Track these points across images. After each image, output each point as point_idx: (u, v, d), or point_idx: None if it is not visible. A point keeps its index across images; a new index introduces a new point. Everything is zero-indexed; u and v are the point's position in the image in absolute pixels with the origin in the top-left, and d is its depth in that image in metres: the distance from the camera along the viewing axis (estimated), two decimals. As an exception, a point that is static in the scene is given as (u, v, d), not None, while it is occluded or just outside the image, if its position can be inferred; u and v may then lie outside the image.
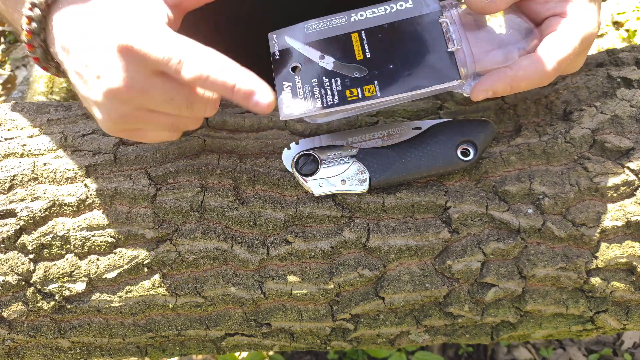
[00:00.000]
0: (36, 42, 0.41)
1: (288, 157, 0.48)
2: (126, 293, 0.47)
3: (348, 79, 0.42)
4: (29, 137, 0.51)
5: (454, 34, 0.42)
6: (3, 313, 0.47)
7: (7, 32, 1.83)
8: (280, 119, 0.42)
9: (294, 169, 0.47)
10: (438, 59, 0.41)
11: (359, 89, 0.41)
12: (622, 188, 0.45)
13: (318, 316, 0.47)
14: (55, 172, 0.49)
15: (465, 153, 0.46)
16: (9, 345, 0.49)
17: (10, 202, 0.47)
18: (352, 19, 0.43)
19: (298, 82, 0.42)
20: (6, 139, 0.51)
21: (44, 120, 0.53)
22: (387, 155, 0.46)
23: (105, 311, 0.47)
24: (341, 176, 0.46)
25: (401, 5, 0.43)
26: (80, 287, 0.46)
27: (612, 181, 0.45)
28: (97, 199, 0.48)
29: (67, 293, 0.46)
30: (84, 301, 0.47)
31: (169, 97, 0.38)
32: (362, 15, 0.43)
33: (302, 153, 0.47)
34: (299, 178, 0.47)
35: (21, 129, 0.52)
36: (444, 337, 0.50)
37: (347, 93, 0.41)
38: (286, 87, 0.42)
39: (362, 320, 0.48)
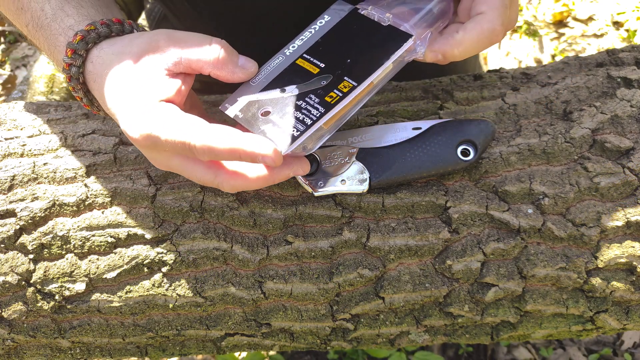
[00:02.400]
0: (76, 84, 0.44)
1: (288, 157, 0.48)
2: (126, 293, 0.47)
3: (320, 90, 0.42)
4: (29, 137, 0.51)
5: (379, 13, 0.44)
6: (3, 313, 0.47)
7: (7, 32, 1.83)
8: (284, 153, 0.40)
9: (294, 169, 0.47)
10: (383, 35, 0.43)
11: (335, 91, 0.41)
12: (622, 188, 0.45)
13: (318, 316, 0.47)
14: (55, 172, 0.49)
15: (465, 153, 0.46)
16: (9, 345, 0.49)
17: (10, 202, 0.47)
18: (287, 53, 0.45)
19: (277, 120, 0.41)
20: (6, 139, 0.51)
21: (44, 120, 0.53)
22: (387, 155, 0.46)
23: (105, 311, 0.47)
24: (341, 176, 0.46)
25: (321, 22, 0.46)
26: (80, 287, 0.46)
27: (612, 181, 0.45)
28: (97, 199, 0.48)
29: (67, 293, 0.46)
30: (84, 301, 0.47)
31: (192, 173, 0.41)
32: (294, 47, 0.45)
33: (302, 153, 0.47)
34: (299, 178, 0.47)
35: (21, 129, 0.52)
36: (444, 337, 0.50)
37: (328, 99, 0.41)
38: (268, 133, 0.41)
39: (362, 320, 0.48)
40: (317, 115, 0.40)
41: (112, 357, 0.52)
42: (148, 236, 0.46)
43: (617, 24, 1.73)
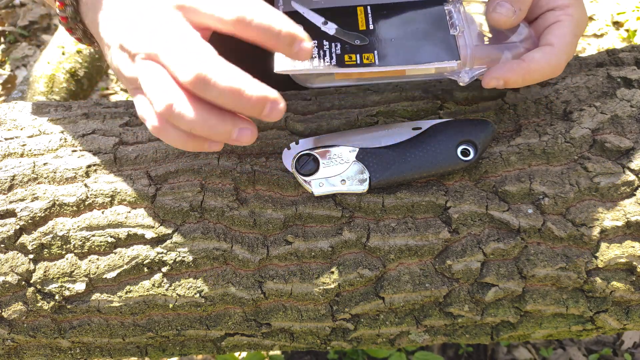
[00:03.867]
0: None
1: (288, 157, 0.48)
2: (126, 293, 0.47)
3: (348, 45, 0.42)
4: (29, 137, 0.51)
5: (457, 20, 0.43)
6: (3, 313, 0.47)
7: (7, 32, 1.83)
8: (274, 71, 0.41)
9: (294, 169, 0.47)
10: (440, 40, 0.43)
11: (357, 56, 0.42)
12: (622, 188, 0.45)
13: (318, 316, 0.47)
14: (55, 172, 0.49)
15: (465, 153, 0.46)
16: (9, 345, 0.49)
17: (10, 202, 0.47)
18: None
19: None
20: (6, 139, 0.51)
21: (44, 120, 0.53)
22: (387, 155, 0.46)
23: (105, 311, 0.47)
24: (341, 176, 0.46)
25: None
26: (80, 287, 0.46)
27: (612, 181, 0.45)
28: (97, 199, 0.48)
29: (67, 293, 0.46)
30: (84, 301, 0.47)
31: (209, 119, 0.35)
32: None
33: (302, 153, 0.47)
34: (299, 178, 0.47)
35: (21, 129, 0.52)
36: (444, 337, 0.50)
37: (346, 58, 0.41)
38: None
39: (362, 320, 0.48)
40: (326, 64, 0.41)
41: (112, 357, 0.52)
42: (148, 236, 0.46)
43: (617, 24, 1.73)
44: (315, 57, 0.42)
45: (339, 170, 0.46)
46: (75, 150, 0.50)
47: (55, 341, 0.49)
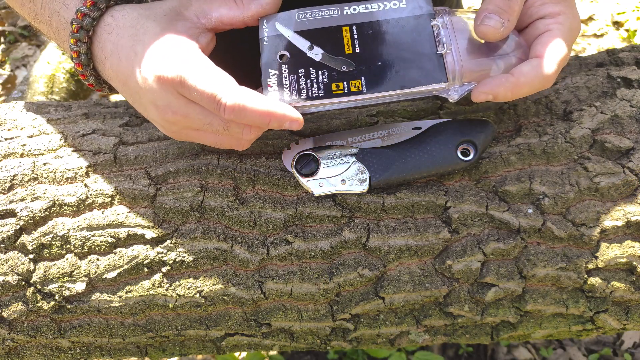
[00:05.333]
0: (82, 48, 0.44)
1: (288, 157, 0.48)
2: (126, 293, 0.47)
3: (335, 72, 0.41)
4: (29, 137, 0.51)
5: (445, 37, 0.42)
6: (3, 313, 0.47)
7: (7, 32, 1.83)
8: None
9: (294, 169, 0.47)
10: (427, 60, 0.42)
11: (345, 83, 0.41)
12: (622, 188, 0.45)
13: (318, 316, 0.47)
14: (55, 172, 0.49)
15: (465, 153, 0.46)
16: (9, 345, 0.49)
17: (10, 202, 0.47)
18: (344, 12, 0.43)
19: (285, 70, 0.42)
20: (6, 139, 0.51)
21: (44, 120, 0.53)
22: (387, 155, 0.46)
23: (105, 311, 0.47)
24: (341, 176, 0.46)
25: (395, 4, 0.43)
26: (80, 287, 0.46)
27: (612, 181, 0.45)
28: (97, 199, 0.48)
29: (67, 293, 0.46)
30: (84, 301, 0.47)
31: (208, 121, 0.41)
32: (354, 10, 0.43)
33: (302, 153, 0.47)
34: (299, 178, 0.47)
35: (21, 129, 0.52)
36: (444, 337, 0.50)
37: (333, 86, 0.41)
38: (272, 75, 0.42)
39: (362, 320, 0.48)
40: (314, 95, 0.41)
41: (112, 357, 0.52)
42: (148, 236, 0.46)
43: (617, 24, 1.73)
44: (303, 87, 0.41)
45: (339, 170, 0.46)
46: (75, 150, 0.50)
47: (55, 341, 0.49)
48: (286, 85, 0.41)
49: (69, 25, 0.43)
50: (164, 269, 0.46)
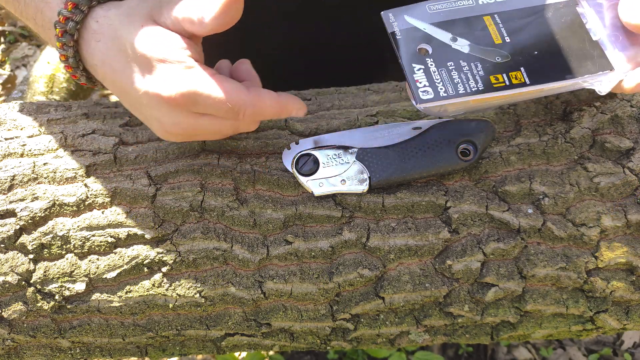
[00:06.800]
0: (69, 52, 0.42)
1: (288, 157, 0.48)
2: (126, 293, 0.47)
3: (490, 64, 0.38)
4: (29, 137, 0.51)
5: (595, 24, 0.39)
6: (3, 313, 0.47)
7: (7, 32, 1.83)
8: (416, 106, 0.37)
9: (294, 169, 0.47)
10: (585, 48, 0.38)
11: (504, 75, 0.37)
12: (622, 188, 0.45)
13: (318, 316, 0.47)
14: (55, 172, 0.49)
15: (465, 153, 0.46)
16: (9, 345, 0.49)
17: (10, 202, 0.47)
18: (480, 2, 0.40)
19: (431, 65, 0.37)
20: (6, 139, 0.51)
21: (44, 120, 0.53)
22: (387, 155, 0.46)
23: (105, 311, 0.47)
24: (341, 176, 0.46)
25: None
26: (80, 287, 0.46)
27: (612, 181, 0.45)
28: (97, 199, 0.48)
29: (67, 293, 0.46)
30: (84, 301, 0.47)
31: (217, 129, 0.42)
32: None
33: (302, 153, 0.47)
34: (299, 178, 0.47)
35: (21, 129, 0.52)
36: (444, 337, 0.50)
37: (492, 79, 0.37)
38: (417, 70, 0.37)
39: (362, 320, 0.48)
40: (473, 90, 0.37)
41: (112, 357, 0.52)
42: (148, 236, 0.46)
43: (617, 24, 1.72)
44: (458, 81, 0.37)
45: (339, 170, 0.46)
46: (75, 150, 0.50)
47: (55, 341, 0.49)
48: (437, 79, 0.37)
49: (53, 27, 0.41)
50: (164, 269, 0.46)
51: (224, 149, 0.50)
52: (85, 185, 0.48)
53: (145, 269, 0.47)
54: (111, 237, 0.47)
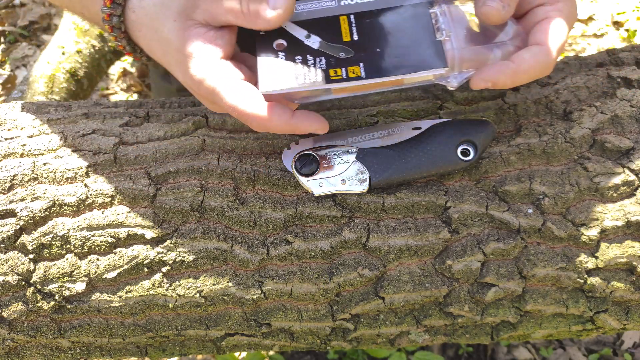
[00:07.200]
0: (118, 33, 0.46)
1: (288, 157, 0.48)
2: (126, 293, 0.47)
3: (333, 59, 0.41)
4: (29, 137, 0.51)
5: (443, 24, 0.42)
6: (3, 313, 0.47)
7: (7, 32, 1.83)
8: (260, 92, 0.41)
9: (294, 169, 0.47)
10: (426, 46, 0.41)
11: (343, 69, 0.41)
12: (622, 188, 0.45)
13: (318, 316, 0.47)
14: (55, 172, 0.49)
15: (465, 153, 0.46)
16: (9, 345, 0.49)
17: (10, 202, 0.47)
18: (342, 3, 0.44)
19: (281, 58, 0.42)
20: (6, 139, 0.51)
21: (44, 120, 0.53)
22: (387, 155, 0.46)
23: (105, 311, 0.47)
24: (341, 176, 0.46)
25: None
26: (80, 287, 0.46)
27: (612, 181, 0.45)
28: (97, 199, 0.48)
29: (67, 293, 0.46)
30: (84, 301, 0.47)
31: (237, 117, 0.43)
32: (352, 0, 0.44)
33: (302, 153, 0.47)
34: (299, 178, 0.47)
35: (21, 129, 0.52)
36: (444, 337, 0.50)
37: (332, 72, 0.40)
38: (268, 62, 0.42)
39: (362, 320, 0.48)
40: (312, 81, 0.40)
41: (112, 357, 0.52)
42: (148, 236, 0.46)
43: (617, 24, 1.73)
44: (300, 74, 0.41)
45: (339, 170, 0.46)
46: (75, 150, 0.50)
47: (55, 341, 0.49)
48: (282, 71, 0.41)
49: (100, 13, 0.45)
50: (164, 269, 0.46)
51: (224, 149, 0.50)
52: (85, 185, 0.48)
53: (145, 269, 0.47)
54: (111, 237, 0.47)
